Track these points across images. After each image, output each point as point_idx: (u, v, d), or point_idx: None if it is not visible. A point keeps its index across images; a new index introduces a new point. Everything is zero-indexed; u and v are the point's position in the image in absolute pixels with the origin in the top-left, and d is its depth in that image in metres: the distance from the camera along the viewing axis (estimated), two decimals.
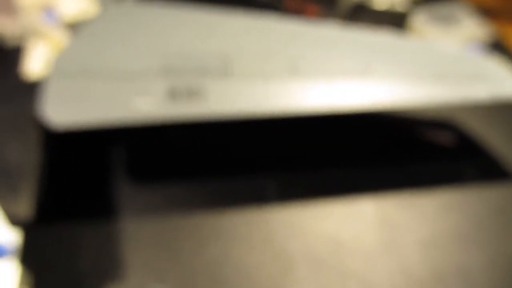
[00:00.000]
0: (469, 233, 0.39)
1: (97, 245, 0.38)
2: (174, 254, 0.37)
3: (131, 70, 0.36)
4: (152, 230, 0.39)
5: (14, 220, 0.31)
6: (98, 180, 0.42)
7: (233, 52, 0.38)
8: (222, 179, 0.42)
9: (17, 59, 0.41)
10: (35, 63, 0.40)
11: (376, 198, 0.41)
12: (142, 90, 0.36)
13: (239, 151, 0.45)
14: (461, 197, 0.42)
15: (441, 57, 0.41)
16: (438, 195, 0.42)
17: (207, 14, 0.43)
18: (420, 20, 0.55)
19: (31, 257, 0.36)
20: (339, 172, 0.43)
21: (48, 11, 0.44)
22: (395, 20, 0.60)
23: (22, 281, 0.33)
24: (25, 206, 0.32)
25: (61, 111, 0.35)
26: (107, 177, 0.42)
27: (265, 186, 0.42)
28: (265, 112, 0.36)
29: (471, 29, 0.54)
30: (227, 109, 0.36)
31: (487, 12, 0.62)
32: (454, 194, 0.42)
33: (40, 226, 0.38)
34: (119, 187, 0.41)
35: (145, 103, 0.35)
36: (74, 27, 0.43)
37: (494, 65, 0.40)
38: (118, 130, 0.37)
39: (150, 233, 0.39)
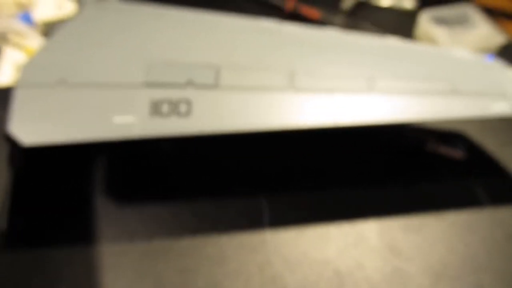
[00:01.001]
0: (483, 260, 0.36)
1: (75, 273, 0.34)
2: (159, 282, 0.34)
3: (111, 81, 0.33)
4: (134, 256, 0.35)
5: None
6: (76, 200, 0.38)
7: (223, 60, 0.34)
8: (213, 200, 0.39)
9: None
10: (5, 70, 0.36)
11: (380, 221, 0.38)
12: (123, 104, 0.32)
13: (231, 169, 0.41)
14: (473, 219, 0.38)
15: (455, 66, 0.37)
16: (448, 217, 0.38)
17: (197, 15, 0.40)
18: (428, 23, 0.51)
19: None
20: (340, 192, 0.40)
21: (24, 12, 0.40)
22: (401, 19, 0.56)
23: None
24: None
25: (29, 127, 0.31)
26: (86, 197, 0.38)
27: (259, 208, 0.38)
28: (256, 128, 0.32)
29: (483, 32, 0.50)
30: (216, 125, 0.32)
31: (498, 14, 0.58)
32: (465, 215, 0.38)
33: (11, 251, 0.35)
34: (99, 208, 0.38)
35: (126, 119, 0.31)
36: (49, 29, 0.39)
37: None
38: (97, 146, 0.33)
39: (132, 259, 0.35)
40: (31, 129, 0.31)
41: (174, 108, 0.32)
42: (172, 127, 0.32)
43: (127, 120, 0.31)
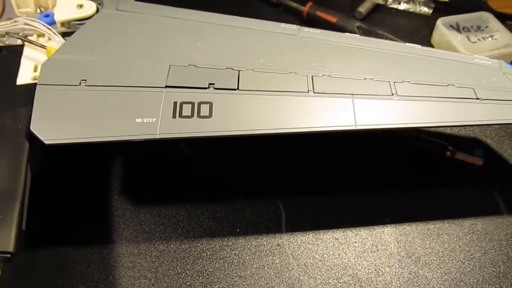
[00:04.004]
0: (501, 267, 0.35)
1: (94, 273, 0.35)
2: (176, 284, 0.34)
3: (132, 82, 0.32)
4: (152, 257, 0.35)
5: None
6: (94, 201, 0.38)
7: (244, 64, 0.34)
8: (230, 203, 0.39)
9: (8, 63, 0.37)
10: (26, 68, 0.36)
11: (397, 227, 0.38)
12: (145, 105, 0.32)
13: (248, 172, 0.41)
14: (491, 226, 0.38)
15: (476, 72, 0.37)
16: (466, 223, 0.38)
17: (217, 18, 0.40)
18: (446, 29, 0.51)
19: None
20: (358, 197, 0.39)
21: (44, 12, 0.40)
22: (418, 23, 0.56)
23: None
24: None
25: (50, 126, 0.31)
26: (104, 198, 0.39)
27: (276, 212, 0.38)
28: (276, 131, 0.32)
29: (501, 39, 0.50)
30: (236, 127, 0.32)
31: None
32: (483, 222, 0.38)
33: (30, 251, 0.35)
34: (117, 209, 0.38)
35: (148, 120, 0.31)
36: (70, 29, 0.39)
37: None
38: (115, 146, 0.33)
39: (150, 261, 0.35)
40: (52, 128, 0.31)
41: (196, 110, 0.32)
42: (193, 129, 0.32)
43: (149, 121, 0.31)
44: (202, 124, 0.32)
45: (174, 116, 0.32)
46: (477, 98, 0.35)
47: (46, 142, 0.31)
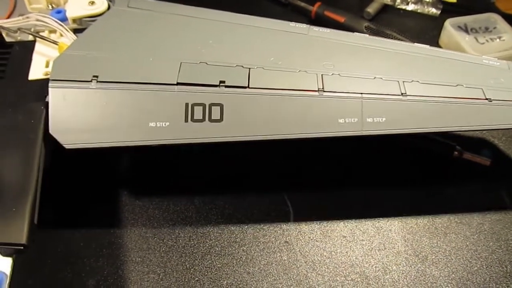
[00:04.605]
0: (510, 268, 0.35)
1: (103, 268, 0.35)
2: (184, 279, 0.34)
3: (144, 80, 0.33)
4: (161, 253, 0.36)
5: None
6: (104, 196, 0.39)
7: (254, 62, 0.35)
8: (238, 200, 0.39)
9: (20, 58, 0.37)
10: (38, 64, 0.37)
11: (405, 225, 0.38)
12: (158, 108, 0.32)
13: (256, 169, 0.41)
14: (498, 226, 0.38)
15: (486, 73, 0.37)
16: (473, 222, 0.38)
17: (227, 16, 0.40)
18: (454, 29, 0.51)
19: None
20: (365, 195, 0.40)
21: (56, 8, 0.41)
22: (426, 24, 0.56)
23: None
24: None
25: (67, 129, 0.32)
26: (113, 194, 0.39)
27: (283, 209, 0.38)
28: (286, 136, 0.33)
29: (509, 40, 0.50)
30: (247, 131, 0.33)
31: None
32: (490, 221, 0.38)
33: (40, 245, 0.35)
34: (126, 205, 0.38)
35: (161, 124, 0.32)
36: (81, 26, 0.39)
37: None
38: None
39: (159, 256, 0.35)
40: (70, 132, 0.32)
41: (207, 113, 0.32)
42: (205, 134, 0.32)
43: (162, 125, 0.32)
44: (213, 128, 0.32)
45: (186, 120, 0.32)
46: (486, 99, 0.35)
47: (66, 146, 0.31)
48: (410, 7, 0.58)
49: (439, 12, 0.57)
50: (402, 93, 0.34)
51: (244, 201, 0.39)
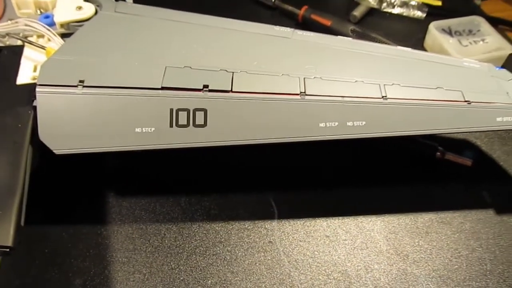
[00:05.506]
0: (489, 266, 0.36)
1: (90, 268, 0.36)
2: (170, 279, 0.35)
3: (129, 84, 0.33)
4: (147, 253, 0.36)
5: None
6: (92, 198, 0.40)
7: (237, 66, 0.35)
8: (223, 201, 0.40)
9: (8, 63, 0.38)
10: (26, 69, 0.37)
11: (387, 225, 0.39)
12: (144, 113, 0.33)
13: (241, 171, 0.42)
14: (479, 225, 0.39)
15: (466, 76, 0.38)
16: (454, 222, 0.39)
17: (212, 20, 0.41)
18: (438, 32, 0.52)
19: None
20: (349, 196, 0.40)
21: (44, 14, 0.41)
22: (411, 27, 0.57)
23: None
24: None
25: (57, 134, 0.33)
26: (101, 196, 0.40)
27: (268, 210, 0.39)
28: (269, 141, 0.34)
29: (492, 43, 0.51)
30: (230, 136, 0.33)
31: (507, 25, 0.59)
32: (471, 221, 0.39)
33: (28, 245, 0.36)
34: (113, 206, 0.39)
35: (147, 130, 0.33)
36: (68, 31, 0.40)
37: None
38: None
39: (145, 256, 0.36)
40: (59, 138, 0.33)
41: (191, 118, 0.33)
42: (189, 139, 0.33)
43: (148, 130, 0.33)
44: (197, 133, 0.33)
45: (171, 125, 0.33)
46: (466, 101, 0.35)
47: (56, 152, 0.32)
48: (396, 10, 0.59)
49: (424, 15, 0.58)
50: (382, 96, 0.35)
51: (230, 202, 0.39)
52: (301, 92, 0.34)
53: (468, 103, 0.35)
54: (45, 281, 0.35)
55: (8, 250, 0.28)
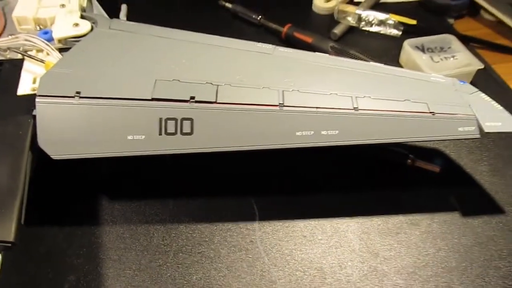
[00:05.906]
0: (453, 263, 0.39)
1: (83, 266, 0.38)
2: (157, 276, 0.37)
3: (122, 96, 0.36)
4: (137, 252, 0.39)
5: None
6: (85, 199, 0.42)
7: (222, 79, 0.38)
8: (208, 204, 0.43)
9: (9, 75, 0.41)
10: (25, 82, 0.40)
11: (361, 226, 0.42)
12: (135, 122, 0.36)
13: (224, 175, 0.45)
14: (445, 227, 0.42)
15: (431, 90, 0.41)
16: (422, 224, 0.42)
17: (199, 37, 0.44)
18: (411, 49, 0.56)
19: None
20: (326, 199, 0.44)
21: (43, 29, 0.44)
22: (388, 44, 0.61)
23: None
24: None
25: (55, 141, 0.35)
26: (94, 197, 0.42)
27: (250, 212, 0.42)
28: (250, 148, 0.37)
29: (462, 59, 0.54)
30: (215, 143, 0.36)
31: (477, 43, 0.63)
32: (438, 223, 0.42)
33: (22, 244, 0.38)
34: (105, 208, 0.42)
35: (138, 137, 0.36)
36: (66, 46, 0.43)
37: (482, 100, 0.41)
38: None
39: (135, 255, 0.39)
40: (57, 144, 0.35)
41: (179, 127, 0.36)
42: (177, 145, 0.36)
43: (139, 138, 0.36)
44: (185, 141, 0.36)
45: (160, 133, 0.36)
46: (430, 112, 0.39)
47: (54, 158, 0.35)
48: (374, 28, 0.63)
49: (400, 33, 0.62)
50: (354, 108, 0.38)
51: (214, 204, 0.42)
52: (279, 104, 0.37)
53: (433, 114, 0.38)
54: (41, 278, 0.37)
55: (10, 245, 0.31)
